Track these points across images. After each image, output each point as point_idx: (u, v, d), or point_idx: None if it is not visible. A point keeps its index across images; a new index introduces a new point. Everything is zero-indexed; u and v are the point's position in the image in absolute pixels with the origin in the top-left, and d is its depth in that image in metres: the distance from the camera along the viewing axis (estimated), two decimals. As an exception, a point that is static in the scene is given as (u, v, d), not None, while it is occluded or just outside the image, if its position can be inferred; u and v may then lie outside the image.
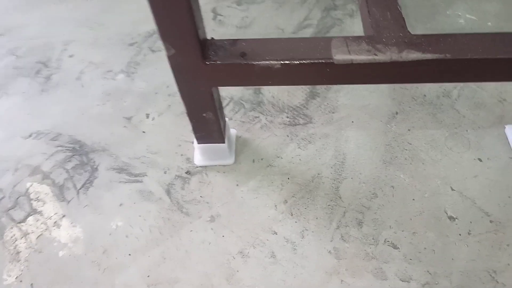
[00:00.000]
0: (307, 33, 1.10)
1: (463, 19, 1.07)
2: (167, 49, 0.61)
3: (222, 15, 1.15)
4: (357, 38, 0.65)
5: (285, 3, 1.16)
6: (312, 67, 0.64)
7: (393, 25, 0.66)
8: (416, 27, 1.06)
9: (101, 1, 1.19)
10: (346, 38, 0.65)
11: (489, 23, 1.05)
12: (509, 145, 0.85)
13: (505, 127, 0.87)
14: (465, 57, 0.62)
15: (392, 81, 0.67)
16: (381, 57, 0.62)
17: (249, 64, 0.64)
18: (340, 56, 0.63)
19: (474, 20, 1.06)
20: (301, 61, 0.64)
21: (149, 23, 1.09)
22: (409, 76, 0.65)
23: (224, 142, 0.83)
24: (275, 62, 0.64)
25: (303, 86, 0.99)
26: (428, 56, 0.62)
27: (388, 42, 0.64)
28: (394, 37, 0.64)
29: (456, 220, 0.77)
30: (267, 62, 0.64)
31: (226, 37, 0.68)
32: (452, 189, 0.81)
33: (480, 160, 0.84)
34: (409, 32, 0.65)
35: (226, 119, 0.87)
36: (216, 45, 0.67)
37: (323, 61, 0.63)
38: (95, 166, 0.87)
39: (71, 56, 1.07)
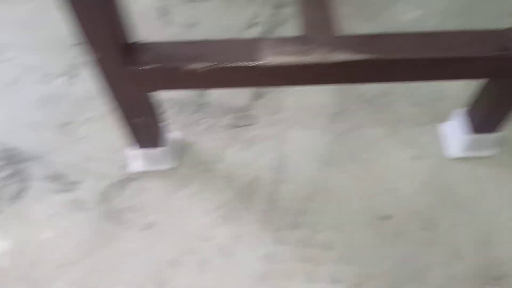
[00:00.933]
0: (256, 31, 1.08)
1: (408, 17, 1.07)
2: (89, 54, 0.59)
3: (169, 14, 1.12)
4: (288, 40, 0.64)
5: (234, 0, 1.14)
6: (238, 70, 0.63)
7: (326, 25, 0.65)
8: (362, 26, 1.06)
9: (38, 3, 1.15)
10: (276, 39, 0.64)
11: (433, 20, 1.05)
12: (444, 143, 0.85)
13: (438, 125, 0.87)
14: (394, 57, 0.61)
15: (323, 82, 0.66)
16: (309, 58, 0.61)
17: (173, 68, 0.62)
18: (267, 58, 0.62)
19: (418, 17, 1.06)
20: (227, 65, 0.63)
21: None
22: (340, 77, 0.65)
23: (161, 147, 0.81)
24: (201, 65, 0.63)
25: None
26: (357, 56, 0.61)
27: (318, 43, 0.63)
28: (325, 38, 0.63)
29: (389, 220, 0.77)
30: (191, 65, 0.63)
31: (172, 37, 0.66)
32: (387, 189, 0.81)
33: (416, 158, 0.84)
34: (341, 33, 0.65)
35: (166, 122, 0.85)
36: (141, 49, 0.65)
37: (250, 64, 0.62)
38: (27, 176, 0.84)
39: (7, 60, 1.03)
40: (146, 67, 0.63)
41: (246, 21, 1.09)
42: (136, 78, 0.65)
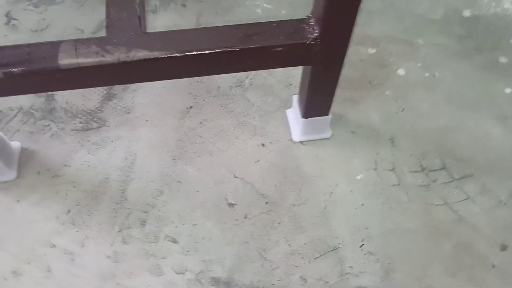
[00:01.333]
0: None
1: (260, 9, 1.11)
2: None
3: (16, 19, 1.07)
4: (88, 40, 0.64)
5: (86, 2, 1.11)
6: (38, 74, 0.62)
7: (128, 24, 0.66)
8: (215, 21, 1.08)
9: None
10: (77, 41, 0.64)
11: (283, 11, 1.11)
12: (289, 128, 0.90)
13: (286, 111, 0.92)
14: (191, 52, 0.63)
15: (126, 81, 0.67)
16: (108, 58, 0.62)
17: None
18: (66, 60, 0.61)
19: (270, 8, 1.11)
20: (26, 69, 0.61)
21: None
22: (143, 75, 0.66)
23: (-2, 158, 0.78)
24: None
25: (99, 88, 0.96)
26: (156, 54, 0.63)
27: (118, 42, 0.63)
28: (126, 37, 0.64)
29: (235, 206, 0.81)
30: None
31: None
32: (235, 176, 0.84)
33: (263, 145, 0.88)
34: (143, 32, 0.66)
35: (0, 132, 0.82)
36: None
37: (50, 66, 0.61)
38: None
39: None
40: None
41: (98, 22, 1.07)
42: None
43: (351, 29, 0.63)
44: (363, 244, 0.77)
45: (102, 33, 1.06)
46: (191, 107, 0.94)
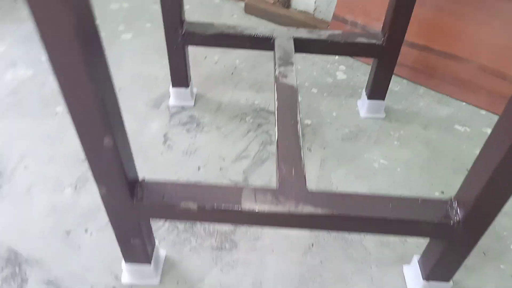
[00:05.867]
0: (245, 163, 1.24)
1: (377, 163, 1.24)
2: (100, 188, 0.72)
3: (172, 140, 1.29)
4: (265, 190, 0.78)
5: (228, 135, 1.32)
6: (224, 212, 0.76)
7: (296, 181, 0.80)
8: (338, 169, 1.22)
9: (64, 118, 1.32)
10: (255, 189, 0.78)
11: (398, 169, 1.23)
12: (405, 285, 0.96)
13: (403, 266, 0.99)
14: (350, 214, 0.75)
15: (293, 227, 0.79)
16: (279, 208, 0.75)
17: (169, 205, 0.75)
18: (247, 204, 0.76)
19: (386, 164, 1.24)
20: (215, 207, 0.76)
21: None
22: (306, 224, 0.78)
23: (150, 263, 0.91)
24: (192, 205, 0.76)
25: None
26: (319, 210, 0.75)
27: (288, 195, 0.77)
28: (295, 192, 0.78)
29: None
30: (184, 205, 0.76)
31: (172, 162, 0.79)
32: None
33: (379, 296, 0.94)
34: (307, 189, 0.79)
35: (156, 241, 0.96)
36: (144, 185, 0.78)
37: (233, 208, 0.76)
38: (25, 278, 0.92)
39: (25, 168, 1.16)
40: (147, 203, 0.76)
41: (237, 154, 1.25)
42: (139, 210, 0.77)
43: (496, 215, 0.72)
44: None
45: (240, 163, 1.25)
46: (312, 244, 1.04)
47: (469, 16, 1.35)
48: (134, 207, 0.76)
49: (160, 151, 1.25)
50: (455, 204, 0.76)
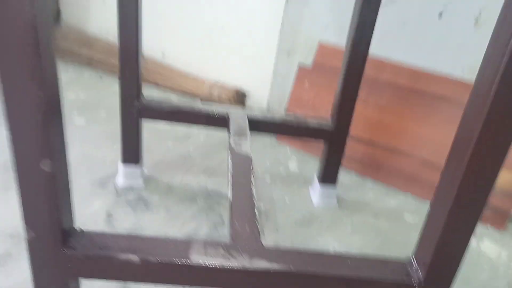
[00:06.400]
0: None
1: (332, 247, 1.20)
2: (27, 231, 0.63)
3: (115, 219, 1.20)
4: (216, 244, 0.72)
5: (177, 216, 1.25)
6: (169, 266, 0.68)
7: (251, 235, 0.75)
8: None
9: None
10: (205, 242, 0.72)
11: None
12: None
13: None
14: (308, 271, 0.69)
15: (246, 286, 0.71)
16: (232, 263, 0.68)
17: (107, 256, 0.66)
18: (195, 258, 0.68)
19: (340, 250, 1.20)
20: (159, 260, 0.68)
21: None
22: (261, 282, 0.70)
23: None
24: (133, 257, 0.67)
25: None
26: (275, 266, 0.69)
27: (242, 250, 0.71)
28: (249, 246, 0.72)
29: None
30: (124, 257, 0.67)
31: None
32: None
33: None
34: (262, 244, 0.74)
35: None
36: (80, 234, 0.69)
37: (181, 261, 0.68)
38: None
39: None
40: (79, 254, 0.66)
41: (186, 236, 1.18)
42: (67, 264, 0.66)
43: (455, 271, 0.69)
44: None
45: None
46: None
47: (409, 115, 1.48)
48: (65, 258, 0.66)
49: (100, 229, 1.15)
50: (414, 263, 0.73)
